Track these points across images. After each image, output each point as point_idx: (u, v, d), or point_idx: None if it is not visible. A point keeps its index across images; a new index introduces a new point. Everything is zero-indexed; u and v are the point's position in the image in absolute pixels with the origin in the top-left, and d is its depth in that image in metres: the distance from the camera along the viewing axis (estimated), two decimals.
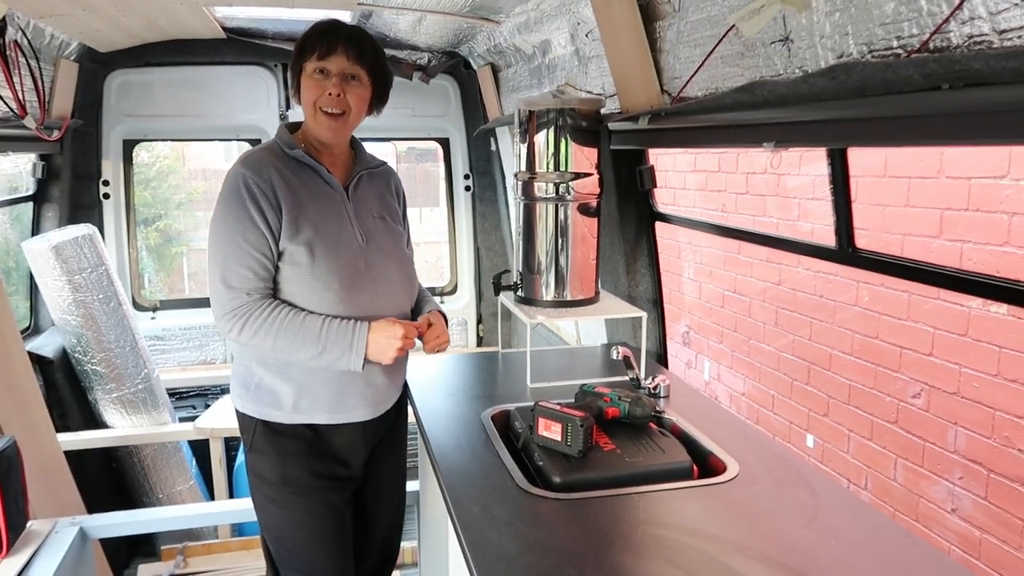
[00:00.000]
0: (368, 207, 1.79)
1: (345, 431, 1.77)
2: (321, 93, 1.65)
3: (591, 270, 2.24)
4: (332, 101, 1.66)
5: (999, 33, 0.96)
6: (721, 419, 1.84)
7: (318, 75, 1.65)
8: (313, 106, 1.66)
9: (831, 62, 1.30)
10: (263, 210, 1.61)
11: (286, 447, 1.73)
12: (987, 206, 2.70)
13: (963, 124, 1.04)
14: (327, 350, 1.62)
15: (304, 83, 1.68)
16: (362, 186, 1.80)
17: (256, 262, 1.62)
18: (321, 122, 1.68)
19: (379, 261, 1.74)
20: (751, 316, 4.23)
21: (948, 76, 1.02)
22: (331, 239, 1.67)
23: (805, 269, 3.69)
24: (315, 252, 1.64)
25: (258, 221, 1.61)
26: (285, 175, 1.66)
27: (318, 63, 1.65)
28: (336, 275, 1.66)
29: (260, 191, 1.62)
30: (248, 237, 1.61)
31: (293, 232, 1.63)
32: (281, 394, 1.71)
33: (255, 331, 1.61)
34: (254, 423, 1.75)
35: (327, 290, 1.65)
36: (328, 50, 1.65)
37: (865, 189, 3.21)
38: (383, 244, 1.77)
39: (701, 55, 1.75)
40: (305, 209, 1.66)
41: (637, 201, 2.47)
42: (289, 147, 1.70)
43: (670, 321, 5.02)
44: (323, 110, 1.67)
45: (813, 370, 3.71)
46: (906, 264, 1.46)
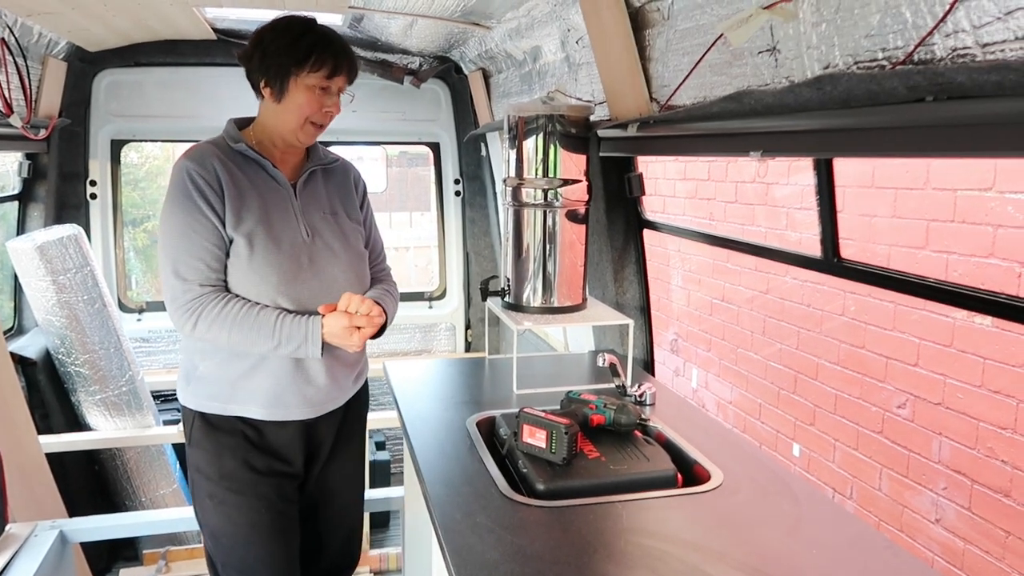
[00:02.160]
0: (319, 203, 1.78)
1: (283, 428, 1.76)
2: (319, 109, 1.66)
3: (579, 277, 2.24)
4: (328, 117, 1.69)
5: (982, 47, 0.96)
6: (707, 427, 1.84)
7: (319, 91, 1.66)
8: (305, 119, 1.67)
9: (817, 73, 1.30)
10: (210, 200, 1.62)
11: (222, 441, 1.73)
12: (972, 218, 2.72)
13: (946, 136, 1.05)
14: (283, 343, 1.63)
15: (299, 94, 1.65)
16: (313, 182, 1.79)
17: (208, 253, 1.62)
18: (308, 132, 1.70)
19: (324, 258, 1.73)
20: (739, 325, 4.24)
21: (932, 88, 1.02)
22: (273, 232, 1.67)
23: (792, 278, 3.71)
24: (254, 244, 1.64)
25: (206, 211, 1.62)
26: (229, 167, 1.67)
27: (325, 81, 1.65)
28: (274, 268, 1.66)
29: (205, 181, 1.62)
30: (197, 228, 1.61)
31: (235, 222, 1.64)
32: (218, 386, 1.72)
33: (209, 325, 1.61)
34: (192, 415, 1.75)
35: (264, 283, 1.65)
36: (336, 69, 1.65)
37: (853, 199, 3.22)
38: (330, 241, 1.76)
39: (690, 63, 1.76)
40: (247, 201, 1.66)
41: (625, 208, 2.47)
42: (233, 141, 1.70)
43: (658, 329, 5.03)
44: (314, 123, 1.69)
45: (800, 379, 3.72)
46: (890, 275, 1.47)
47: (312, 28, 1.68)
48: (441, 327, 4.10)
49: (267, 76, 1.67)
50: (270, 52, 1.65)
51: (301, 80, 1.64)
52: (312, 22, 1.70)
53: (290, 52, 1.64)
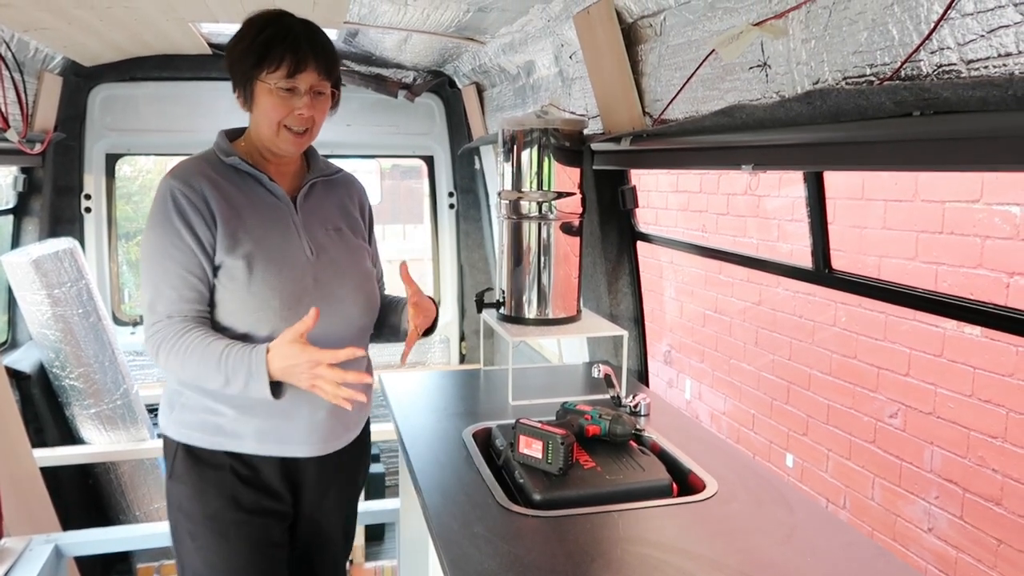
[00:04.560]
0: (322, 218, 1.64)
1: (277, 465, 1.59)
2: (288, 112, 1.50)
3: (573, 289, 2.25)
4: (302, 120, 1.52)
5: (967, 63, 0.99)
6: (701, 438, 1.85)
7: (284, 93, 1.49)
8: (277, 124, 1.51)
9: (807, 88, 1.33)
10: (192, 224, 1.48)
11: (207, 476, 1.56)
12: (961, 229, 2.75)
13: (933, 150, 1.08)
14: (231, 380, 1.44)
15: (265, 99, 1.50)
16: (315, 195, 1.65)
17: (182, 282, 1.48)
18: (285, 139, 1.54)
19: (330, 277, 1.59)
20: (731, 336, 4.27)
21: (918, 103, 1.05)
22: (273, 252, 1.53)
23: (784, 289, 3.74)
24: (253, 266, 1.50)
25: (186, 237, 1.48)
26: (220, 184, 1.53)
27: (287, 81, 1.48)
28: (276, 291, 1.51)
29: (189, 203, 1.48)
30: (174, 255, 1.48)
31: (231, 244, 1.50)
32: (206, 416, 1.55)
33: (167, 356, 1.47)
34: (175, 447, 1.59)
35: (265, 308, 1.51)
36: (298, 67, 1.48)
37: (843, 211, 3.26)
38: (337, 259, 1.62)
39: (682, 78, 1.78)
40: (244, 220, 1.52)
41: (619, 221, 2.49)
42: (225, 154, 1.56)
43: (651, 340, 5.05)
44: (290, 128, 1.52)
45: (792, 390, 3.74)
46: (880, 285, 1.49)
47: (273, 22, 1.52)
48: (435, 339, 4.11)
49: (235, 82, 1.55)
50: (234, 56, 1.52)
51: (262, 83, 1.49)
52: (278, 15, 1.54)
53: (249, 54, 1.49)
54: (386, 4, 2.35)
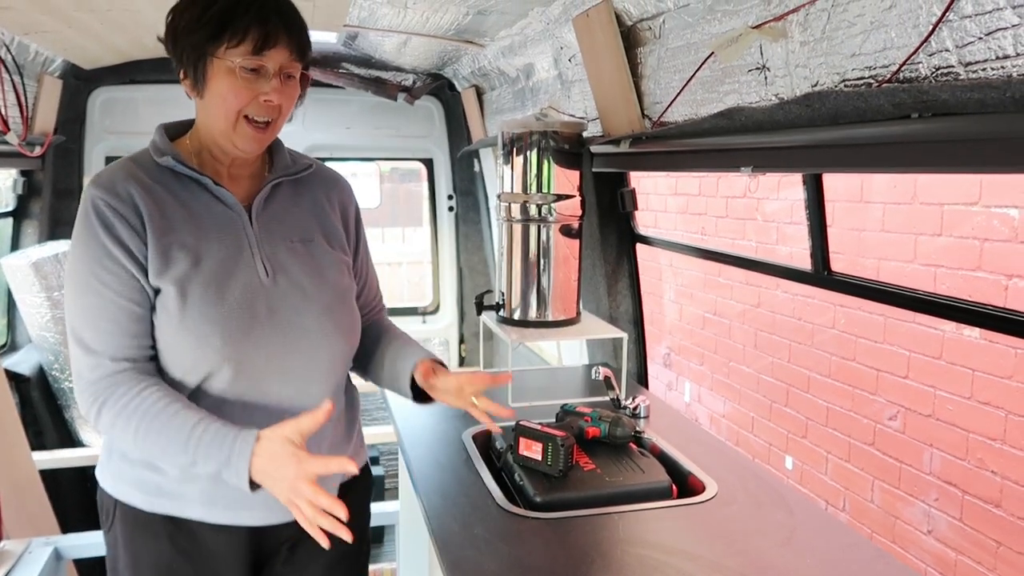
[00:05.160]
0: (287, 229, 1.33)
1: (232, 537, 1.29)
2: (252, 99, 1.21)
3: (572, 291, 2.26)
4: (267, 109, 1.23)
5: (965, 66, 0.99)
6: (700, 440, 1.85)
7: (247, 74, 1.19)
8: (236, 114, 1.22)
9: (806, 90, 1.33)
10: (123, 240, 1.19)
11: (141, 543, 1.28)
12: (959, 232, 2.76)
13: (931, 151, 1.08)
14: (199, 462, 1.15)
15: (222, 81, 1.20)
16: (278, 200, 1.34)
17: (122, 312, 1.19)
18: (244, 133, 1.23)
19: (289, 303, 1.28)
20: (731, 338, 4.27)
21: (917, 106, 1.05)
22: (214, 275, 1.23)
23: (783, 292, 3.74)
24: (188, 293, 1.20)
25: (118, 255, 1.18)
26: (153, 191, 1.23)
27: (252, 58, 1.19)
28: (216, 325, 1.20)
29: (116, 214, 1.19)
30: (106, 279, 1.18)
31: (162, 266, 1.20)
32: (144, 472, 1.26)
33: (114, 418, 1.18)
34: (113, 504, 1.31)
35: (203, 346, 1.20)
36: (266, 41, 1.19)
37: (842, 214, 3.26)
38: (299, 279, 1.30)
39: (681, 81, 1.79)
40: (179, 235, 1.22)
41: (618, 223, 2.50)
42: (159, 153, 1.26)
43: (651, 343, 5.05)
44: (251, 119, 1.23)
45: (791, 392, 3.74)
46: (880, 287, 1.50)
47: None
48: (435, 342, 4.11)
49: (182, 63, 1.24)
50: (180, 26, 1.22)
51: (219, 61, 1.19)
52: None
53: (203, 23, 1.19)
54: (386, 7, 2.36)
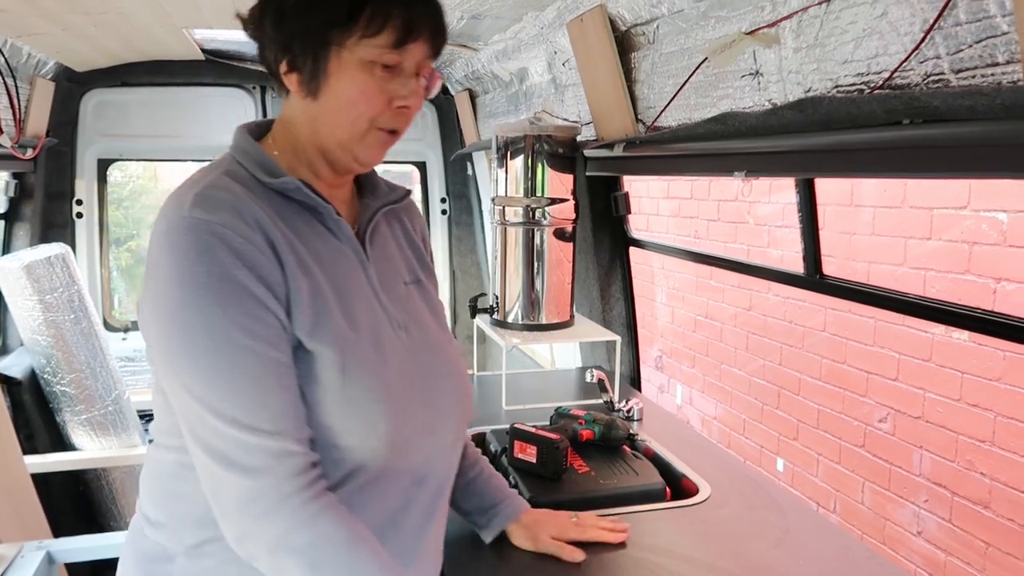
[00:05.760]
0: (394, 268, 1.10)
1: None
2: (385, 104, 0.97)
3: (566, 294, 2.27)
4: (400, 116, 0.99)
5: (955, 73, 1.01)
6: (693, 442, 1.86)
7: (383, 72, 0.95)
8: (368, 120, 0.97)
9: (799, 96, 1.35)
10: (265, 278, 0.89)
11: None
12: (948, 235, 2.78)
13: (922, 157, 1.10)
14: None
15: (352, 79, 0.94)
16: (380, 233, 1.10)
17: (288, 373, 0.90)
18: (373, 143, 1.00)
19: (425, 362, 1.05)
20: (722, 341, 4.29)
21: (908, 112, 1.07)
22: (371, 332, 0.98)
23: (775, 295, 3.76)
24: (348, 358, 0.93)
25: (264, 297, 0.89)
26: (276, 221, 0.94)
27: (392, 54, 0.94)
28: (379, 401, 0.95)
29: (249, 244, 0.89)
30: (256, 329, 0.88)
31: (312, 320, 0.92)
32: None
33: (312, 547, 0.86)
34: None
35: (365, 429, 0.93)
36: (409, 32, 0.94)
37: (833, 217, 3.29)
38: (425, 331, 1.08)
39: (675, 86, 1.80)
40: (314, 277, 0.95)
41: (612, 227, 2.51)
42: (270, 173, 0.97)
43: (643, 346, 5.07)
44: (383, 129, 0.99)
45: (783, 394, 3.76)
46: (871, 291, 1.51)
47: None
48: None
49: (289, 52, 0.95)
50: (291, 7, 0.94)
51: (350, 53, 0.93)
52: None
53: (326, 3, 0.93)
54: None
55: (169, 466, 0.99)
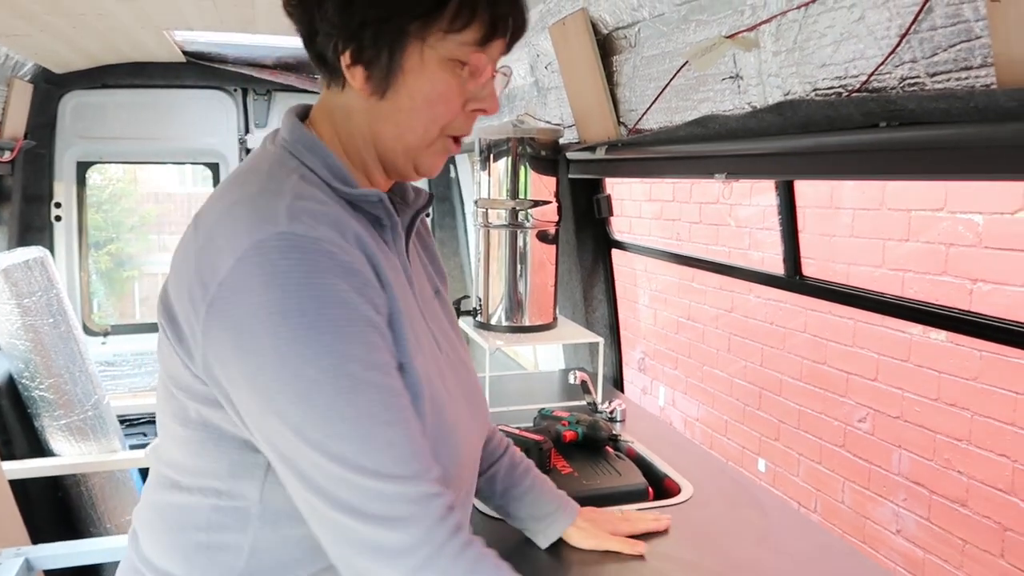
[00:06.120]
0: (425, 281, 1.05)
1: None
2: (460, 107, 0.88)
3: (549, 296, 2.28)
4: (470, 121, 0.91)
5: (931, 76, 1.03)
6: (676, 443, 1.88)
7: (463, 71, 0.86)
8: (442, 126, 0.88)
9: (778, 99, 1.36)
10: (378, 307, 0.80)
11: None
12: (926, 237, 2.82)
13: (898, 159, 1.11)
14: None
15: (433, 78, 0.84)
16: (412, 244, 1.02)
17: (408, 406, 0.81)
18: (438, 151, 0.91)
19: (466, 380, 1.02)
20: (705, 343, 4.32)
21: (885, 115, 1.09)
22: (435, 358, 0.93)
23: (756, 297, 3.79)
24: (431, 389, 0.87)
25: (379, 325, 0.80)
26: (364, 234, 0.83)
27: (477, 51, 0.85)
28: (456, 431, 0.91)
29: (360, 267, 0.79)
30: (377, 360, 0.78)
31: (414, 348, 0.86)
32: None
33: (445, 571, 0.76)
34: None
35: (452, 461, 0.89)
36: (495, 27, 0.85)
37: (813, 219, 3.32)
38: (455, 345, 1.04)
39: (656, 89, 1.82)
40: (397, 302, 0.85)
41: (594, 229, 2.52)
42: (343, 180, 0.86)
43: (626, 348, 5.09)
44: (451, 135, 0.90)
45: (764, 395, 3.79)
46: (849, 291, 1.53)
47: None
48: None
49: (356, 42, 0.83)
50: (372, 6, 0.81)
51: (431, 49, 0.83)
52: None
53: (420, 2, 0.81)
54: None
55: (205, 514, 0.84)
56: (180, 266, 0.80)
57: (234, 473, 0.83)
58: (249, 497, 0.83)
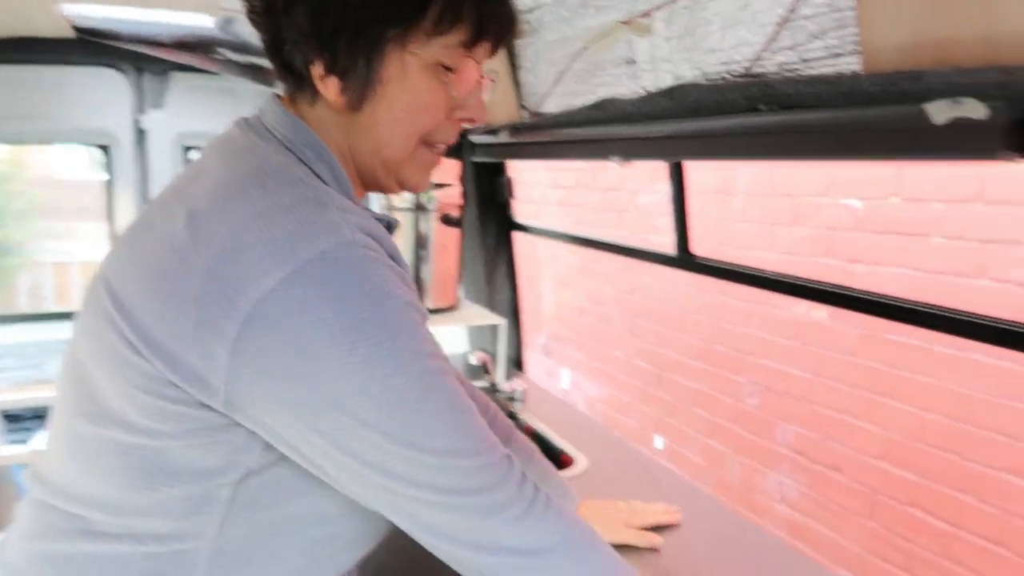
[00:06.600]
0: None
1: None
2: (445, 114, 0.84)
3: (452, 279, 2.29)
4: (454, 129, 0.87)
5: (805, 62, 1.09)
6: (574, 420, 1.93)
7: (448, 76, 0.82)
8: (421, 136, 0.83)
9: (670, 84, 1.42)
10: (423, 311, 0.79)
11: None
12: (811, 221, 2.98)
13: (776, 142, 1.18)
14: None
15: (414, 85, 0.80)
16: None
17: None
18: (423, 163, 0.87)
19: None
20: (606, 325, 4.43)
21: (765, 99, 1.15)
22: None
23: (656, 280, 3.92)
24: None
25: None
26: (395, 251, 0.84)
27: (463, 54, 0.82)
28: None
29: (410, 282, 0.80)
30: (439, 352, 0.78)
31: None
32: None
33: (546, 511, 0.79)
34: None
35: None
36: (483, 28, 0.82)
37: (708, 205, 3.46)
38: None
39: (557, 73, 1.85)
40: None
41: (497, 213, 2.55)
42: (348, 195, 0.83)
43: (531, 332, 5.16)
44: (434, 144, 0.86)
45: (663, 375, 3.93)
46: (734, 269, 1.61)
47: None
48: None
49: (329, 51, 0.78)
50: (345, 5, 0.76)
51: (413, 55, 0.79)
52: None
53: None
54: None
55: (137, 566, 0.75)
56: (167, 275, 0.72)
57: (188, 508, 0.74)
58: (203, 536, 0.75)
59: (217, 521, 0.75)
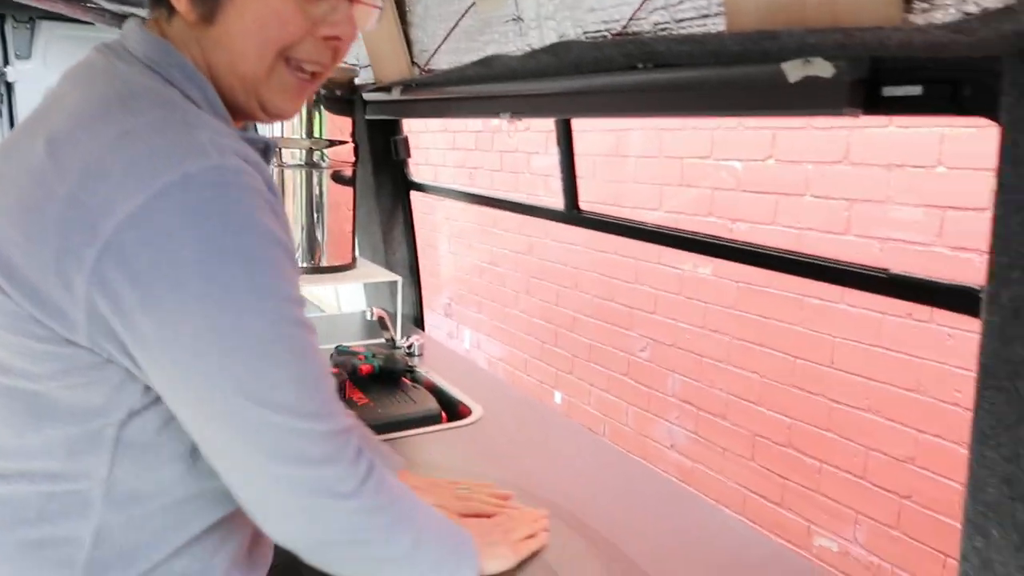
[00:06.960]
0: None
1: None
2: (306, 32, 0.80)
3: (347, 237, 2.28)
4: (325, 50, 0.84)
5: (677, 22, 1.15)
6: (471, 373, 1.98)
7: None
8: (276, 51, 0.80)
9: (553, 41, 1.45)
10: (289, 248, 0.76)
11: None
12: (696, 182, 3.12)
13: (652, 99, 1.24)
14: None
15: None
16: None
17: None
18: (283, 84, 0.83)
19: None
20: (505, 285, 4.50)
21: (642, 57, 1.20)
22: None
23: (552, 240, 4.00)
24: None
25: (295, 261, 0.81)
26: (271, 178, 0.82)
27: None
28: None
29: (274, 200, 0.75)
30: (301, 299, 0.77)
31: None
32: None
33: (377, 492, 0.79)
34: None
35: None
36: None
37: (601, 167, 3.55)
38: None
39: (446, 30, 1.85)
40: None
41: (393, 171, 2.54)
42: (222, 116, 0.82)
43: (432, 294, 5.18)
44: (295, 63, 0.82)
45: (559, 332, 4.04)
46: (619, 223, 1.69)
47: None
48: None
49: None
50: None
51: None
52: None
53: None
54: None
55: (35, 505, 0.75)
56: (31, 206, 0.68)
57: (75, 450, 0.74)
58: (94, 476, 0.75)
59: (106, 461, 0.74)
